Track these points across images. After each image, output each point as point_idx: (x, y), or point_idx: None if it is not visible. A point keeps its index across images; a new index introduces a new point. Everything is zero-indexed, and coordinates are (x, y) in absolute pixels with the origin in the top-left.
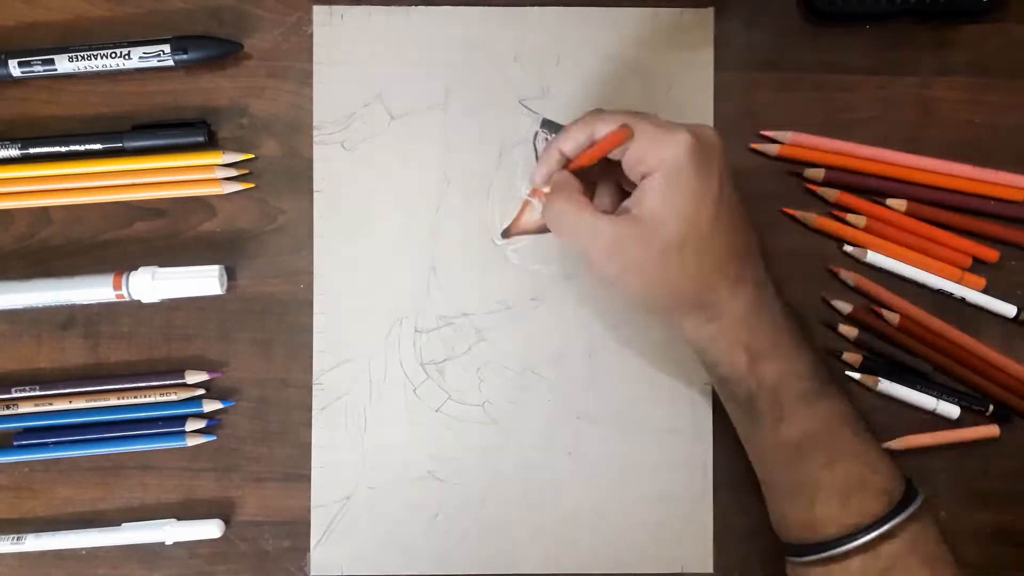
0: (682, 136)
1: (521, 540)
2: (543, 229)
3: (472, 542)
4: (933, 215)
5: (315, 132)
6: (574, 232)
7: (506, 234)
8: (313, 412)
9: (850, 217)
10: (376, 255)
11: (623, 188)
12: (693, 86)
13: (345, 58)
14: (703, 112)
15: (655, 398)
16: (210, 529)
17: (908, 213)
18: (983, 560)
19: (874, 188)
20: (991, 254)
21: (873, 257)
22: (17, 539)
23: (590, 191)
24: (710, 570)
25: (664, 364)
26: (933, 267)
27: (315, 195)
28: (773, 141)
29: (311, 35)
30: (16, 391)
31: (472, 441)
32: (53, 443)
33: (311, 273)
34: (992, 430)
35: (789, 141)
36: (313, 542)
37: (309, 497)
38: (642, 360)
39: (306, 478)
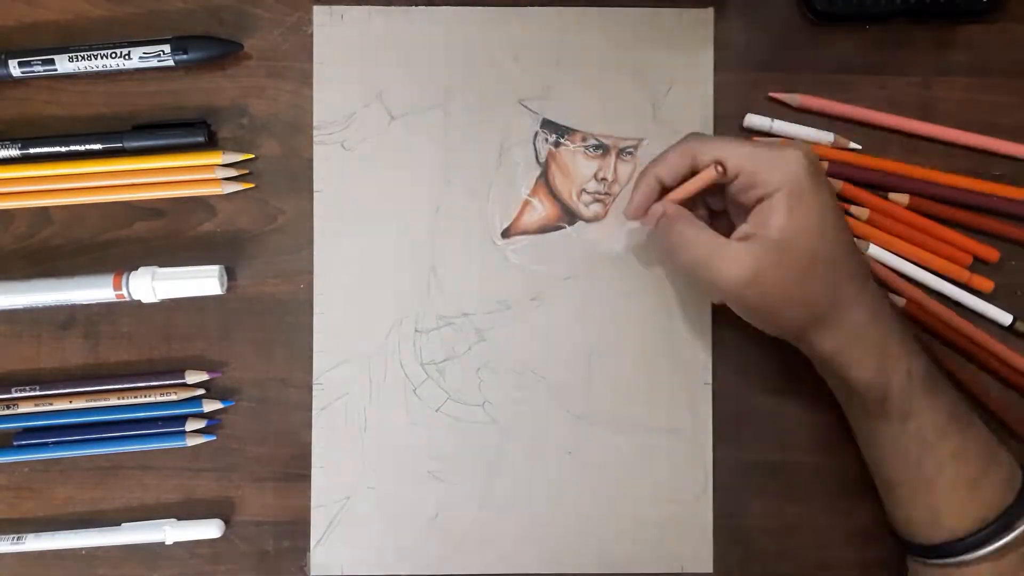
0: (797, 154)
1: (521, 540)
2: (543, 229)
3: (472, 542)
4: (935, 210)
5: (315, 132)
6: (700, 260)
7: (506, 234)
8: (313, 412)
9: (853, 209)
10: (376, 255)
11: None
12: (693, 86)
13: (345, 58)
14: (703, 112)
15: (655, 398)
16: (210, 529)
17: (910, 207)
18: None
19: (877, 182)
20: (992, 253)
21: (875, 251)
22: (17, 539)
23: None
24: (710, 570)
25: (664, 364)
26: (934, 263)
27: (315, 195)
28: (783, 104)
29: (311, 35)
30: (16, 391)
31: (472, 441)
32: (53, 443)
33: (311, 273)
34: None
35: (799, 104)
36: (313, 542)
37: (309, 497)
38: (642, 360)
39: (306, 478)
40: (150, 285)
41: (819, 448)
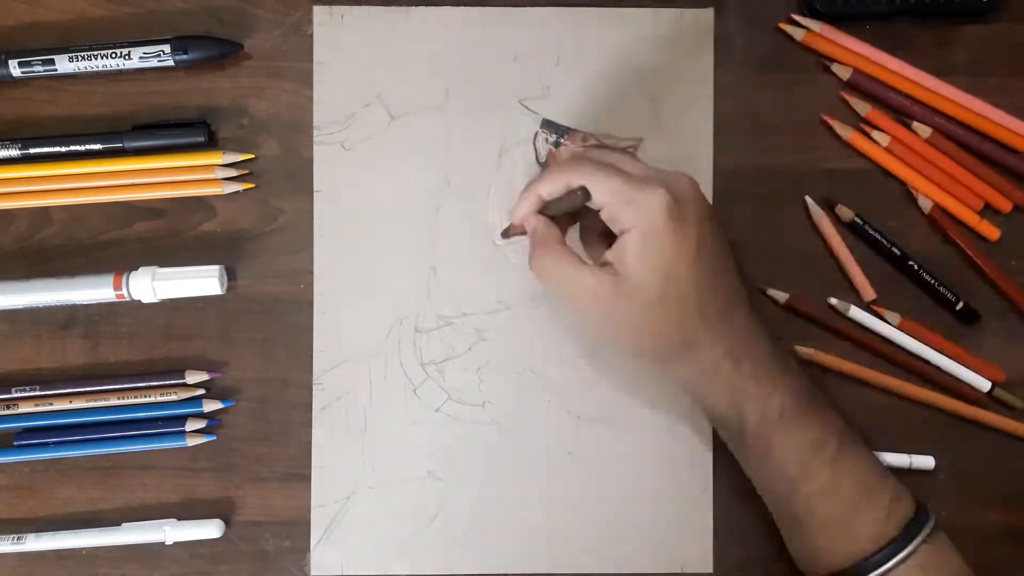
0: (656, 196)
1: (521, 540)
2: None
3: (472, 542)
4: (955, 152)
5: (315, 132)
6: (560, 285)
7: (506, 234)
8: (313, 412)
9: (875, 134)
10: (376, 255)
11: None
12: (693, 86)
13: (345, 58)
14: (703, 112)
15: (655, 398)
16: (210, 529)
17: (930, 143)
18: (983, 560)
19: (901, 107)
20: (1004, 203)
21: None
22: (17, 539)
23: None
24: (710, 570)
25: None
26: (945, 202)
27: (315, 195)
28: (800, 26)
29: (311, 35)
30: (16, 391)
31: (472, 441)
32: (53, 443)
33: (311, 273)
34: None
35: (819, 31)
36: (313, 542)
37: (309, 497)
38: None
39: (306, 478)
40: (150, 285)
41: None
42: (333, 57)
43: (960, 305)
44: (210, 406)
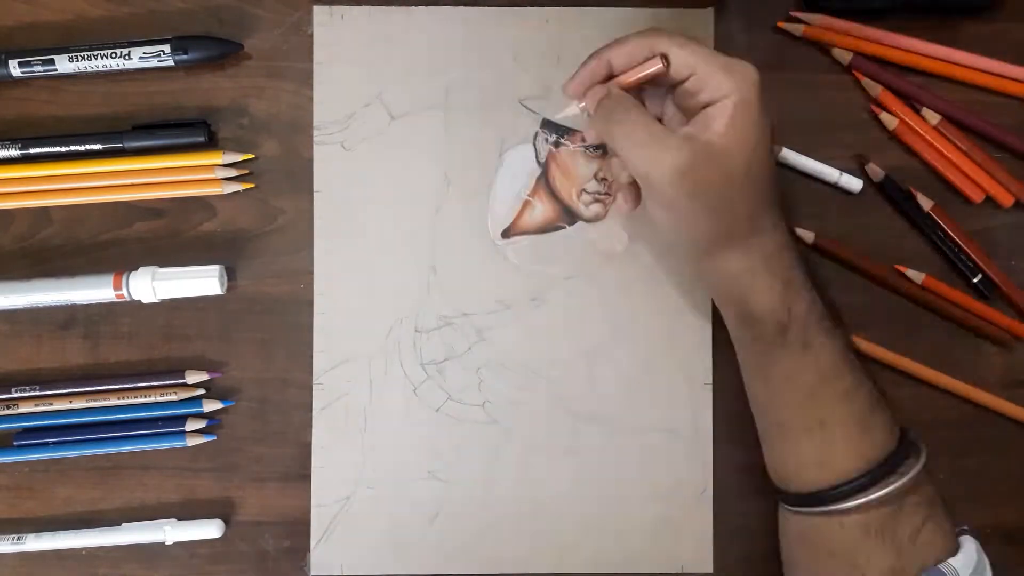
0: (751, 68)
1: (521, 540)
2: (543, 229)
3: (472, 542)
4: (962, 140)
5: (315, 132)
6: (642, 147)
7: (506, 234)
8: (313, 412)
9: (883, 116)
10: (376, 255)
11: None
12: None
13: (345, 58)
14: None
15: (655, 398)
16: (210, 529)
17: (938, 129)
18: None
19: (908, 91)
20: (1006, 197)
21: None
22: (17, 539)
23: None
24: (710, 570)
25: (664, 364)
26: (948, 197)
27: (315, 195)
28: (800, 21)
29: (311, 35)
30: (16, 391)
31: (472, 441)
32: (53, 443)
33: (311, 273)
34: None
35: (819, 23)
36: (313, 542)
37: (309, 497)
38: (642, 360)
39: (306, 478)
40: (150, 285)
41: None
42: (333, 57)
43: (979, 277)
44: (210, 406)
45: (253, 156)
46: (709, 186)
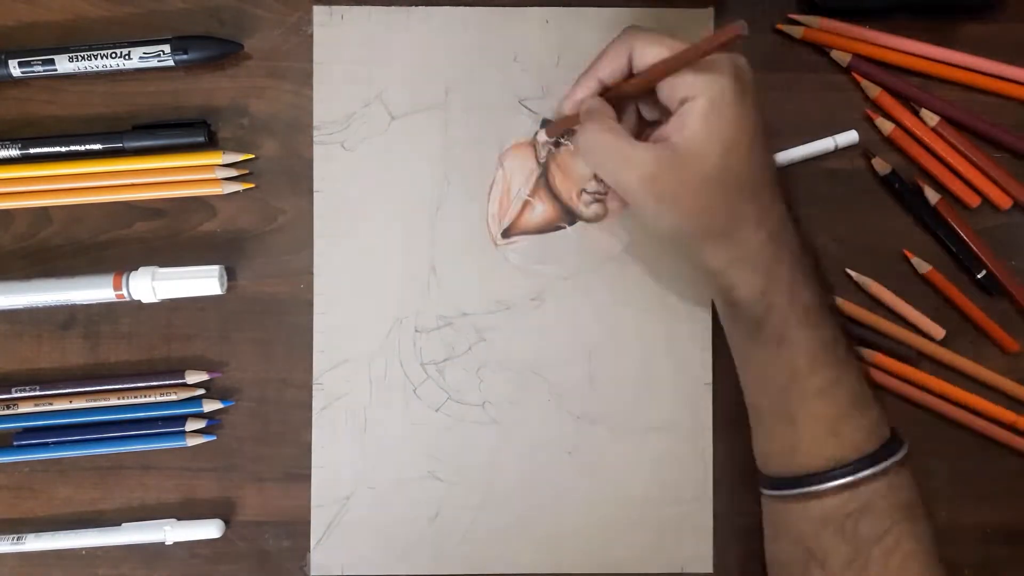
0: (725, 62)
1: (521, 540)
2: (543, 229)
3: (472, 542)
4: (960, 142)
5: (315, 132)
6: (609, 162)
7: (506, 234)
8: (313, 412)
9: (878, 121)
10: (376, 255)
11: (642, 114)
12: None
13: (345, 58)
14: None
15: (655, 398)
16: (210, 529)
17: (936, 131)
18: (983, 560)
19: (907, 92)
20: (1004, 199)
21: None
22: (17, 539)
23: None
24: (710, 570)
25: (664, 364)
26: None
27: (315, 195)
28: (798, 24)
29: (311, 35)
30: (16, 391)
31: (472, 441)
32: (53, 443)
33: (311, 273)
34: None
35: (818, 26)
36: (313, 542)
37: (309, 497)
38: (642, 360)
39: (306, 478)
40: (150, 285)
41: None
42: (333, 57)
43: (983, 273)
44: (210, 406)
45: (253, 156)
46: (680, 189)
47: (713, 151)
